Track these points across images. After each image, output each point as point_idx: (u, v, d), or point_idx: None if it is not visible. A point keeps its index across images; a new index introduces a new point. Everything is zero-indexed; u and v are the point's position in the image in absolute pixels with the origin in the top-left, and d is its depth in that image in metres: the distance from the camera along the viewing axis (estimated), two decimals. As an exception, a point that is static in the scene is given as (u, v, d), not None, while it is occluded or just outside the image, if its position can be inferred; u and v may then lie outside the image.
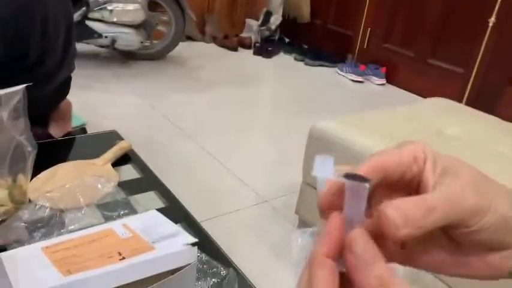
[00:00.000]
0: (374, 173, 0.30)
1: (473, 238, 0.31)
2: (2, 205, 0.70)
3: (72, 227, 0.73)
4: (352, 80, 3.86)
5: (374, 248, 0.27)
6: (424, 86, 3.58)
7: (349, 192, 0.28)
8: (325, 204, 0.31)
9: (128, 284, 0.55)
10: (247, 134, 2.76)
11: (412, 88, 3.73)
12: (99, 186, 0.81)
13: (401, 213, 0.28)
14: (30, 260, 0.55)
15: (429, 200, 0.29)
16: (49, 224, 0.73)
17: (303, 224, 1.84)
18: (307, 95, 3.48)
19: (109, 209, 0.81)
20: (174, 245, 0.60)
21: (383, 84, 3.86)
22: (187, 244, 0.60)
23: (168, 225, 0.66)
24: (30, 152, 0.73)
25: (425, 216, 0.28)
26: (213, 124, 2.76)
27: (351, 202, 0.28)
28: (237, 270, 0.69)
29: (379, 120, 1.73)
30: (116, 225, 0.65)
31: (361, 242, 0.27)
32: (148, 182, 0.98)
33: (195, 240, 0.61)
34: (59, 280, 0.51)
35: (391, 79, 3.87)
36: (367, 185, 0.27)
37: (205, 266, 0.67)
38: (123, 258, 0.56)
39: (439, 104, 2.03)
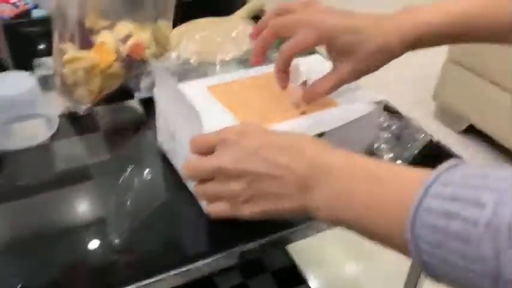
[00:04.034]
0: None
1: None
2: (147, 47, 0.64)
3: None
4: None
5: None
6: None
7: None
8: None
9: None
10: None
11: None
12: (247, 32, 0.72)
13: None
14: (201, 99, 0.49)
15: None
16: (195, 72, 0.66)
17: (441, 110, 1.68)
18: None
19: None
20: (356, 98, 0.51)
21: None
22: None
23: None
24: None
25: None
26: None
27: None
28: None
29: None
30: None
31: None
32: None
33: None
34: None
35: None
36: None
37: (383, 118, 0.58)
38: (303, 113, 0.49)
39: None
